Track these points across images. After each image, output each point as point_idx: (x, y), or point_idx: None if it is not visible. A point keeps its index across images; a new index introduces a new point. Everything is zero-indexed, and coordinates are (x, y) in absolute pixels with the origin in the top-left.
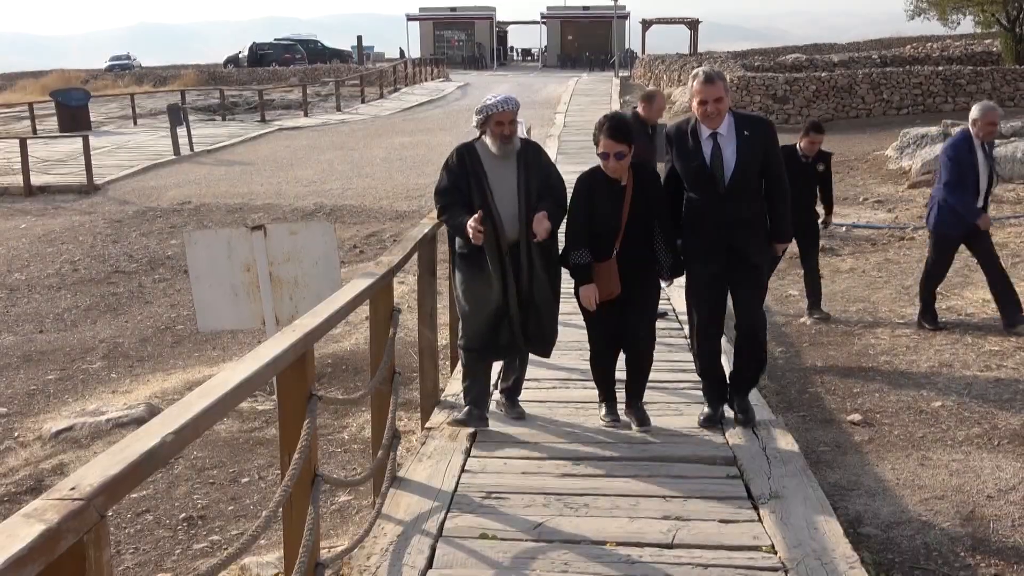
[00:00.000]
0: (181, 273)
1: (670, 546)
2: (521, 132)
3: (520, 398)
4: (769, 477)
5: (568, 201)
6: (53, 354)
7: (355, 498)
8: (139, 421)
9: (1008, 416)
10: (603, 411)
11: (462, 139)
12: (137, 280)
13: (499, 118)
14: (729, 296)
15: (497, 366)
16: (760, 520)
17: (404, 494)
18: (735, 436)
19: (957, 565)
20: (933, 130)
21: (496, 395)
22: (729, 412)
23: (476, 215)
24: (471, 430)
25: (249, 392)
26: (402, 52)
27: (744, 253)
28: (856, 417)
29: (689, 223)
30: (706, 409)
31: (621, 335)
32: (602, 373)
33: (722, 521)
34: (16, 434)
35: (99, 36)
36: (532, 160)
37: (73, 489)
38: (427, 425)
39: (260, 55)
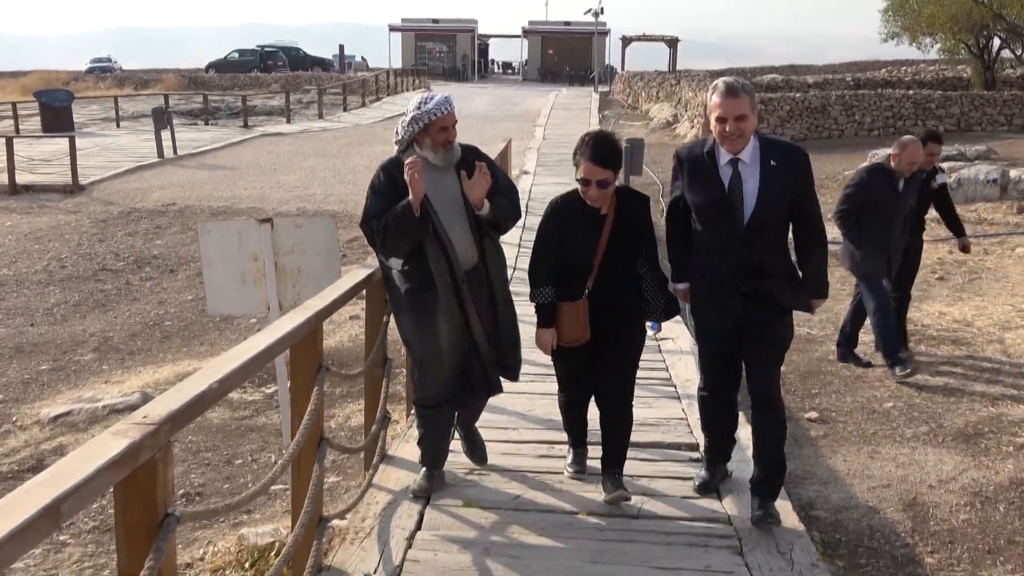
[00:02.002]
0: (167, 272)
1: (636, 517)
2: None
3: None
4: (728, 460)
5: (518, 200)
6: (45, 346)
7: (344, 479)
8: (133, 408)
9: (953, 416)
10: (569, 458)
11: None
12: (124, 278)
13: (442, 123)
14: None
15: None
16: (719, 497)
17: (393, 469)
18: (699, 425)
19: (898, 544)
20: None
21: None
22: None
23: (408, 160)
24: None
25: (270, 358)
26: (364, 61)
27: (762, 308)
28: (813, 415)
29: (698, 266)
30: (702, 474)
31: (594, 384)
32: (570, 421)
33: (684, 498)
34: (14, 419)
35: (79, 38)
36: (472, 164)
37: (145, 417)
38: (412, 412)
39: (267, 61)
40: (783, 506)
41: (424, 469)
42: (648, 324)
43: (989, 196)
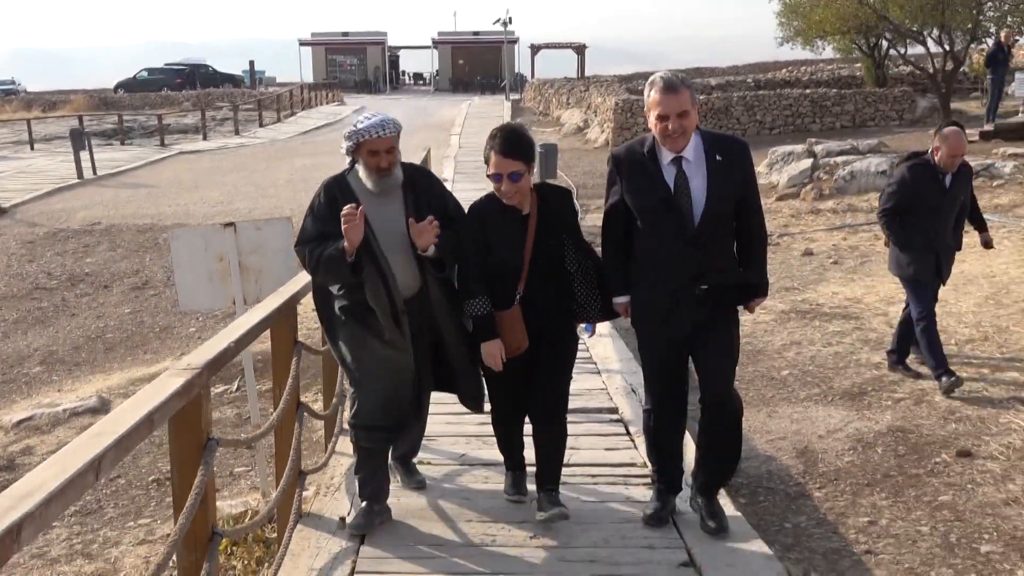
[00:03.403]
0: (101, 288)
1: (567, 465)
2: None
3: None
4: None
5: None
6: None
7: (304, 455)
8: (94, 410)
9: (841, 380)
10: (507, 482)
11: None
12: (60, 295)
13: (372, 146)
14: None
15: None
16: (636, 448)
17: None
18: (617, 393)
19: (791, 483)
20: (799, 148)
21: (390, 461)
22: (682, 505)
23: (346, 208)
24: None
25: (262, 330)
26: (271, 77)
27: (714, 310)
28: None
29: (644, 275)
30: (654, 503)
31: (528, 397)
32: (506, 436)
33: (606, 449)
34: None
35: None
36: (422, 190)
37: (188, 364)
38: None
39: (195, 76)
40: (692, 453)
41: (363, 504)
42: (582, 327)
43: (880, 186)
